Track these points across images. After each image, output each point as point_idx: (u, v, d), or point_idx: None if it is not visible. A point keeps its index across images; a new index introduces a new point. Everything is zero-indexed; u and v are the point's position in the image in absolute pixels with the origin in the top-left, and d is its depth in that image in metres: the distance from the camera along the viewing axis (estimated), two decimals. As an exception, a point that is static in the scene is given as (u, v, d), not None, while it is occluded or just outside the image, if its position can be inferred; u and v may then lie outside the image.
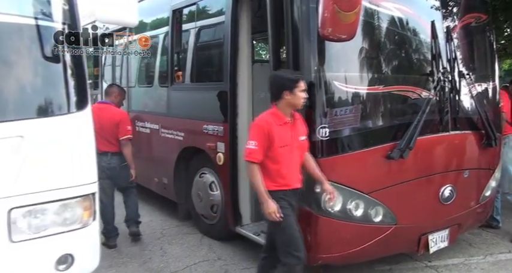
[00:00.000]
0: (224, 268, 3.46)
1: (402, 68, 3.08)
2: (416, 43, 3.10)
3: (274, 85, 2.49)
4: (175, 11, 4.28)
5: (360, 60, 2.88)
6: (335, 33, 2.35)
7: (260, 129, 2.42)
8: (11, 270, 1.91)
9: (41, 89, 2.14)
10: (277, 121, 2.45)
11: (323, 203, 2.75)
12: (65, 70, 2.18)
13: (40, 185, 2.01)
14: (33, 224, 1.99)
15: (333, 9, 2.25)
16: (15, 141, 1.94)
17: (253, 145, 2.41)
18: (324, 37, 2.45)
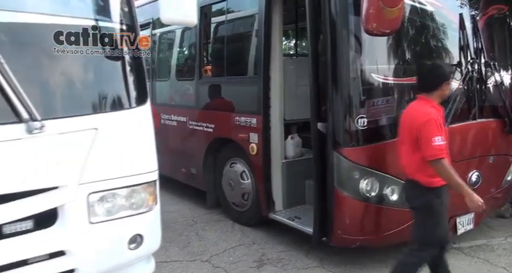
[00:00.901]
0: (261, 251, 3.63)
1: (432, 59, 3.20)
2: (446, 35, 3.22)
3: (434, 75, 2.40)
4: (203, 7, 4.39)
5: (394, 53, 3.01)
6: (379, 28, 2.48)
7: (436, 123, 2.31)
8: (92, 249, 2.07)
9: (110, 86, 2.29)
10: (438, 114, 2.40)
11: (361, 188, 2.90)
12: (130, 70, 2.33)
13: (112, 173, 2.17)
14: (107, 208, 2.15)
15: (378, 5, 2.38)
16: (91, 133, 2.09)
17: (440, 140, 2.29)
18: (368, 32, 2.58)
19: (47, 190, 1.97)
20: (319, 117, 3.02)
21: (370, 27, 2.50)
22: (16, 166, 1.90)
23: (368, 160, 2.89)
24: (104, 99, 2.25)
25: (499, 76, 3.56)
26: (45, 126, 1.93)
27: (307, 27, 3.00)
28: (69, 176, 2.02)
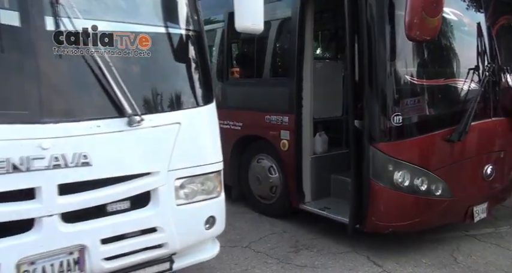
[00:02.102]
0: (294, 239, 3.95)
1: (457, 63, 3.57)
2: (466, 42, 3.60)
3: None
4: (231, 13, 4.68)
5: (425, 57, 3.37)
6: (421, 36, 2.83)
7: None
8: (178, 227, 2.36)
9: (188, 87, 2.58)
10: None
11: (395, 179, 3.25)
12: (203, 72, 2.63)
13: (191, 162, 2.46)
14: (188, 192, 2.44)
15: (421, 15, 2.73)
16: (176, 127, 2.39)
17: None
18: (411, 38, 2.93)
19: (143, 175, 2.25)
20: (356, 115, 3.35)
21: (413, 35, 2.84)
22: (118, 154, 2.18)
23: (401, 153, 3.23)
24: (184, 98, 2.55)
25: (511, 78, 3.95)
26: (144, 120, 2.21)
27: (346, 31, 3.33)
28: (160, 163, 2.31)
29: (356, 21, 3.30)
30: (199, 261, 2.61)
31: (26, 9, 1.97)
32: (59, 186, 1.96)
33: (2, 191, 1.84)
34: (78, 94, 2.16)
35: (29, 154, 1.89)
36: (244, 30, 2.51)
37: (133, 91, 2.21)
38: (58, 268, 1.99)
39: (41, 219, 1.93)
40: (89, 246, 2.06)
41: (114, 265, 2.17)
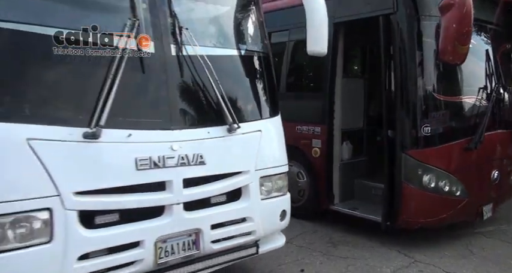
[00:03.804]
0: (327, 236, 4.46)
1: (471, 83, 4.23)
2: (478, 65, 4.27)
3: None
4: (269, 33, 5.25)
5: (447, 77, 4.01)
6: (453, 60, 3.50)
7: None
8: (262, 218, 2.85)
9: (264, 100, 3.12)
10: None
11: (423, 182, 3.84)
12: (273, 88, 3.18)
13: (269, 163, 2.97)
14: (267, 189, 2.95)
15: (454, 44, 3.38)
16: (259, 134, 2.91)
17: None
18: (444, 62, 3.57)
19: (239, 173, 2.75)
20: (389, 126, 3.95)
21: (446, 59, 3.49)
22: (223, 155, 2.68)
23: (429, 159, 3.83)
24: (262, 110, 3.08)
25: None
26: (240, 127, 2.73)
27: (382, 54, 3.95)
28: (250, 164, 2.81)
29: (390, 45, 3.92)
30: (275, 248, 3.11)
31: (159, 39, 2.46)
32: (184, 180, 2.44)
33: (148, 182, 2.31)
34: (195, 106, 2.66)
35: (164, 154, 2.37)
36: (314, 53, 3.06)
37: (231, 104, 2.72)
38: (181, 246, 2.46)
39: (171, 206, 2.40)
40: (203, 230, 2.54)
41: (218, 247, 2.64)
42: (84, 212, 2.13)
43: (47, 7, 2.19)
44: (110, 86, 2.18)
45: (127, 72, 2.26)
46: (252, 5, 3.18)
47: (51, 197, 2.02)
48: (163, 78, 2.46)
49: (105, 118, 2.15)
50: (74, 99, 2.24)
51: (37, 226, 2.00)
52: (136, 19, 2.34)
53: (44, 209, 2.01)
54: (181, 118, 2.53)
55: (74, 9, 2.27)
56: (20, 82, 2.09)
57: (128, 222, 2.27)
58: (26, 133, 2.00)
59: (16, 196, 1.95)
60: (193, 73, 2.60)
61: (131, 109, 2.38)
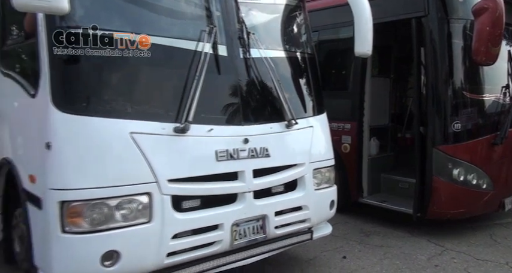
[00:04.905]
0: (358, 227, 4.79)
1: (495, 82, 4.56)
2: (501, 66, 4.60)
3: None
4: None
5: (475, 77, 4.34)
6: (486, 61, 3.84)
7: None
8: (316, 207, 3.18)
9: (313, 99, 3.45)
10: None
11: (453, 175, 4.17)
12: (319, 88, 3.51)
13: (320, 157, 3.30)
14: (319, 181, 3.27)
15: (487, 45, 3.71)
16: (311, 129, 3.24)
17: None
18: (477, 63, 3.91)
19: (294, 166, 3.07)
20: (421, 122, 4.28)
21: (480, 60, 3.83)
22: (283, 149, 3.01)
23: (459, 154, 4.16)
24: (312, 107, 3.41)
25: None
26: (297, 123, 3.06)
27: (414, 55, 4.28)
28: (305, 157, 3.14)
29: (421, 47, 4.24)
30: (324, 235, 3.45)
31: (230, 44, 2.79)
32: (253, 171, 2.77)
33: (225, 172, 2.63)
34: (260, 104, 2.99)
35: (237, 147, 2.70)
36: (360, 55, 3.38)
37: (289, 102, 3.05)
38: (251, 230, 2.79)
39: (243, 194, 2.73)
40: (269, 217, 2.87)
41: (279, 232, 2.97)
42: (175, 197, 2.45)
43: (142, 18, 2.51)
44: (196, 86, 2.50)
45: (207, 74, 2.58)
46: (300, 10, 3.50)
47: (151, 183, 2.35)
48: (235, 79, 2.79)
49: (192, 115, 2.47)
50: (165, 98, 2.58)
51: (139, 208, 2.32)
52: (214, 26, 2.66)
53: (144, 194, 2.33)
54: (249, 114, 2.85)
55: (165, 19, 2.59)
56: (123, 85, 2.44)
57: (208, 207, 2.59)
58: (129, 128, 2.32)
59: (122, 181, 2.27)
60: (258, 74, 2.93)
61: (210, 107, 2.70)
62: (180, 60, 2.58)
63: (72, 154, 2.22)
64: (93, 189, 2.20)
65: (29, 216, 2.52)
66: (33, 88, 2.44)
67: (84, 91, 2.33)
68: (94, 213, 2.21)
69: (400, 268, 3.65)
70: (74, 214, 2.18)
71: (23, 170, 2.62)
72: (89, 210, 2.19)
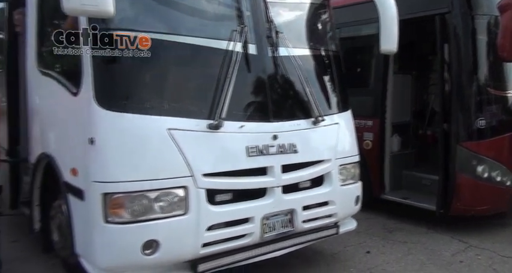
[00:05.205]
0: (380, 223, 4.85)
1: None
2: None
3: None
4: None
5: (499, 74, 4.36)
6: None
7: None
8: (342, 202, 3.27)
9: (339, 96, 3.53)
10: None
11: (477, 172, 4.21)
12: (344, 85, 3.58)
13: (345, 153, 3.39)
14: (344, 177, 3.36)
15: (511, 41, 3.77)
16: (336, 126, 3.33)
17: None
18: (502, 59, 3.96)
19: (321, 162, 3.17)
20: (445, 120, 4.32)
21: (505, 56, 3.88)
22: (310, 145, 3.10)
23: (483, 150, 4.19)
24: (338, 104, 3.50)
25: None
26: (324, 120, 3.15)
27: (438, 52, 4.32)
28: (331, 153, 3.23)
29: (445, 43, 4.28)
30: (349, 230, 3.54)
31: (259, 42, 2.90)
32: (282, 166, 2.87)
33: (255, 167, 2.75)
34: (288, 101, 3.10)
35: (267, 143, 2.81)
36: (385, 52, 3.46)
37: (316, 99, 3.15)
38: (280, 224, 2.91)
39: (273, 189, 2.84)
40: (297, 211, 2.97)
41: (307, 226, 3.08)
42: (209, 191, 2.58)
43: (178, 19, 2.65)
44: (228, 84, 2.62)
45: (238, 72, 2.70)
46: (325, 8, 3.59)
47: (187, 177, 2.48)
48: (264, 77, 2.90)
49: (225, 112, 2.59)
50: (199, 95, 2.71)
51: (176, 201, 2.46)
52: (245, 25, 2.77)
53: (181, 187, 2.47)
54: (277, 111, 2.95)
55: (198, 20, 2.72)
56: (160, 83, 2.59)
57: (239, 201, 2.72)
58: (167, 124, 2.46)
59: (161, 175, 2.41)
60: (286, 71, 3.03)
61: (241, 104, 2.82)
62: (213, 59, 2.70)
63: (114, 149, 2.37)
64: (134, 182, 2.35)
65: (70, 207, 2.68)
66: (74, 87, 2.59)
67: (124, 90, 2.48)
68: (135, 204, 2.35)
69: (424, 263, 3.71)
70: (116, 205, 2.33)
71: (63, 164, 2.78)
72: (130, 202, 2.34)
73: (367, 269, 3.55)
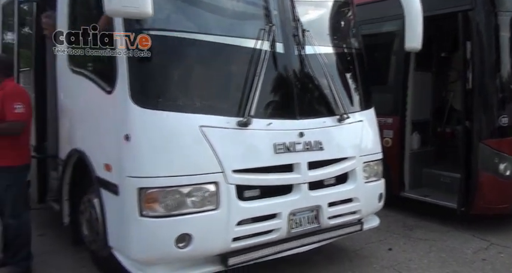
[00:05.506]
0: (401, 221, 4.89)
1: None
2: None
3: None
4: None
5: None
6: None
7: None
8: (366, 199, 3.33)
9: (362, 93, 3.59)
10: None
11: (499, 170, 4.22)
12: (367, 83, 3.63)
13: (369, 150, 3.44)
14: (367, 174, 3.41)
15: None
16: (360, 124, 3.38)
17: None
18: None
19: (346, 159, 3.23)
20: (467, 117, 4.35)
21: None
22: (336, 142, 3.17)
23: (505, 148, 4.21)
24: (361, 102, 3.55)
25: None
26: (349, 117, 3.21)
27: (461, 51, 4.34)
28: (356, 150, 3.29)
29: (468, 40, 4.29)
30: (373, 227, 3.61)
31: (286, 41, 2.97)
32: (308, 163, 2.94)
33: (282, 164, 2.82)
34: (314, 99, 3.17)
35: (293, 140, 2.88)
36: (410, 49, 3.51)
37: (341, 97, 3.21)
38: (306, 220, 2.98)
39: (299, 185, 2.91)
40: (323, 207, 3.04)
41: (332, 223, 3.14)
42: (238, 187, 2.66)
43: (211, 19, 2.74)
44: (257, 83, 2.69)
45: (265, 71, 2.77)
46: (349, 6, 3.64)
47: (218, 173, 2.57)
48: (291, 75, 2.97)
49: (254, 109, 2.67)
50: (229, 93, 2.80)
51: (207, 196, 2.54)
52: (273, 24, 2.85)
53: (212, 183, 2.56)
54: (303, 109, 3.02)
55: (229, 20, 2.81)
56: (192, 82, 2.69)
57: (267, 197, 2.79)
58: (199, 121, 2.55)
59: (193, 171, 2.51)
60: (312, 70, 3.09)
61: (268, 101, 2.89)
62: (242, 58, 2.78)
63: (149, 145, 2.47)
64: (167, 177, 2.44)
65: (103, 201, 2.78)
66: (108, 86, 2.69)
67: (159, 88, 2.57)
68: (168, 199, 2.45)
69: (447, 261, 3.75)
70: (150, 199, 2.43)
71: (96, 159, 2.89)
72: (164, 196, 2.43)
73: (391, 266, 3.60)
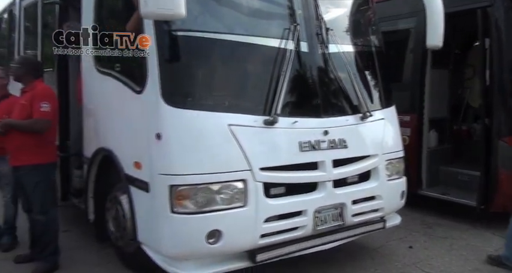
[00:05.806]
0: (419, 219, 4.90)
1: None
2: None
3: None
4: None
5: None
6: None
7: None
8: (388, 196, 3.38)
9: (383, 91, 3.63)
10: None
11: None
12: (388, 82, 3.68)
13: (391, 148, 3.49)
14: (389, 172, 3.45)
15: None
16: (382, 121, 3.43)
17: None
18: None
19: (369, 157, 3.28)
20: (486, 115, 4.37)
21: None
22: (359, 140, 3.22)
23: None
24: (383, 100, 3.60)
25: None
26: (372, 115, 3.26)
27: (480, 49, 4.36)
28: (378, 148, 3.34)
29: (487, 37, 4.32)
30: (395, 225, 3.65)
31: (310, 40, 3.03)
32: (333, 161, 3.00)
33: (308, 162, 2.89)
34: (337, 97, 3.22)
35: (318, 138, 2.94)
36: (431, 47, 3.54)
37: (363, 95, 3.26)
38: (331, 217, 3.04)
39: (324, 183, 2.97)
40: (347, 205, 3.10)
41: (355, 220, 3.20)
42: (266, 184, 2.73)
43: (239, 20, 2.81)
44: (283, 82, 2.76)
45: (291, 70, 2.84)
46: (369, 4, 3.69)
47: (246, 171, 2.64)
48: (314, 73, 3.03)
49: (280, 108, 2.73)
50: (256, 92, 2.86)
51: (236, 193, 2.61)
52: (297, 24, 2.91)
53: (240, 180, 2.62)
54: (328, 107, 3.08)
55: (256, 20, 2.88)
56: (221, 82, 2.78)
57: (293, 194, 2.86)
58: (227, 120, 2.62)
59: (223, 168, 2.58)
60: (335, 68, 3.15)
61: (294, 100, 2.96)
62: (268, 57, 2.85)
63: (179, 144, 2.54)
64: (198, 175, 2.52)
65: (132, 198, 2.87)
66: (138, 86, 2.77)
67: (189, 88, 2.66)
68: (198, 196, 2.52)
69: (468, 259, 3.79)
70: (181, 196, 2.50)
71: (124, 158, 2.97)
72: (194, 193, 2.51)
73: (413, 264, 3.65)
